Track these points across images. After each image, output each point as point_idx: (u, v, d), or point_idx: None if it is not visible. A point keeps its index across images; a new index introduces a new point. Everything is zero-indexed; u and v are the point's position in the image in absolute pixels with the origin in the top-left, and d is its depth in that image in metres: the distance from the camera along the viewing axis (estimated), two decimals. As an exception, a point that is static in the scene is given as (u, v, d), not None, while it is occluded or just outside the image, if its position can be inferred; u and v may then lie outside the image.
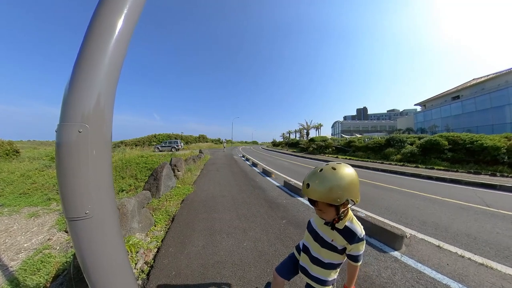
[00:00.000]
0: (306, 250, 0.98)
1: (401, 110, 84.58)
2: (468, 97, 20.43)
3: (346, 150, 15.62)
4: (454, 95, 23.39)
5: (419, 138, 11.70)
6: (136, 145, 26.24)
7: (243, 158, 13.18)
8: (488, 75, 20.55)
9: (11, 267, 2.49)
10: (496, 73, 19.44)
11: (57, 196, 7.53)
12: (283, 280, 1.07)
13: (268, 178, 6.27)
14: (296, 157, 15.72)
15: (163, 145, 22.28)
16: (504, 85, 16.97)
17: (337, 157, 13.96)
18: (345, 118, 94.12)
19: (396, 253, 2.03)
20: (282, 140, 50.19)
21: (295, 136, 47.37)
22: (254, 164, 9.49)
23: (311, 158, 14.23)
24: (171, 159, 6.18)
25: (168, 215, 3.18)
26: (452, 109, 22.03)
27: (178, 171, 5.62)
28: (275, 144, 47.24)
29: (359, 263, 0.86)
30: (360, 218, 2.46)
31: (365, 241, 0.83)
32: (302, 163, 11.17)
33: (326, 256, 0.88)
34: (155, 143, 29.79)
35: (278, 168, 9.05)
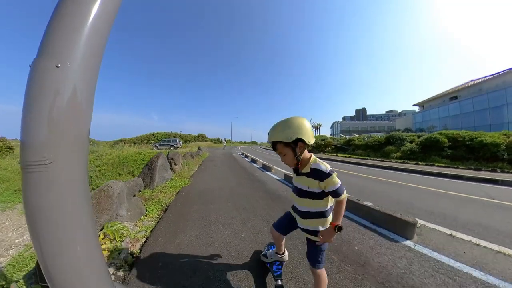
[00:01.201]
0: (295, 209, 1.05)
1: (399, 111, 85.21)
2: (466, 98, 20.60)
3: (345, 148, 15.53)
4: (452, 96, 23.58)
5: (418, 137, 11.66)
6: (134, 143, 25.85)
7: (242, 156, 13.01)
8: (485, 76, 20.75)
9: (0, 263, 2.36)
10: (493, 74, 19.63)
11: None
12: (279, 234, 1.18)
13: (267, 172, 6.12)
14: (296, 155, 15.60)
15: (162, 143, 22.04)
16: (502, 85, 17.13)
17: (336, 155, 13.83)
18: (344, 118, 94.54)
19: (408, 242, 1.87)
20: (281, 140, 49.82)
21: (294, 136, 47.11)
22: (254, 161, 9.33)
23: (310, 156, 14.09)
24: (168, 153, 5.98)
25: (161, 205, 2.98)
26: (450, 109, 22.20)
27: (175, 164, 5.42)
28: (274, 144, 46.94)
29: (343, 197, 0.87)
30: (368, 208, 2.31)
31: (335, 174, 0.86)
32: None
33: (309, 205, 0.93)
34: (153, 141, 29.44)
35: (277, 164, 8.90)
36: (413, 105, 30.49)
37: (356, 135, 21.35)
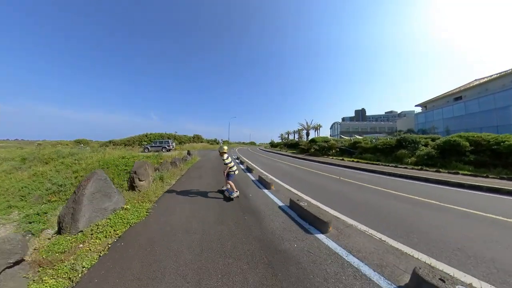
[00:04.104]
0: (230, 167, 4.18)
1: (399, 111, 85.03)
2: (471, 98, 19.75)
3: (351, 151, 14.30)
4: (456, 96, 22.74)
5: (433, 139, 10.52)
6: (125, 145, 24.08)
7: (237, 161, 11.60)
8: (491, 76, 19.95)
9: None
10: (499, 73, 18.80)
11: (20, 203, 5.90)
12: (231, 181, 4.11)
13: (265, 190, 4.63)
14: (298, 159, 14.22)
15: (153, 145, 20.49)
16: (509, 85, 16.27)
17: (342, 159, 12.58)
18: (343, 119, 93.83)
19: None
20: (280, 141, 48.79)
21: (294, 137, 46.11)
22: (249, 170, 7.67)
23: (316, 161, 12.18)
24: (135, 163, 4.58)
25: (69, 278, 1.62)
26: (454, 110, 21.35)
27: (140, 180, 4.04)
28: (273, 145, 45.74)
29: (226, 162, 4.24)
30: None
31: (226, 159, 4.12)
32: (308, 168, 9.27)
33: (232, 165, 4.19)
34: (145, 142, 27.70)
35: (278, 173, 7.46)
36: (416, 105, 29.64)
37: (359, 137, 20.25)
